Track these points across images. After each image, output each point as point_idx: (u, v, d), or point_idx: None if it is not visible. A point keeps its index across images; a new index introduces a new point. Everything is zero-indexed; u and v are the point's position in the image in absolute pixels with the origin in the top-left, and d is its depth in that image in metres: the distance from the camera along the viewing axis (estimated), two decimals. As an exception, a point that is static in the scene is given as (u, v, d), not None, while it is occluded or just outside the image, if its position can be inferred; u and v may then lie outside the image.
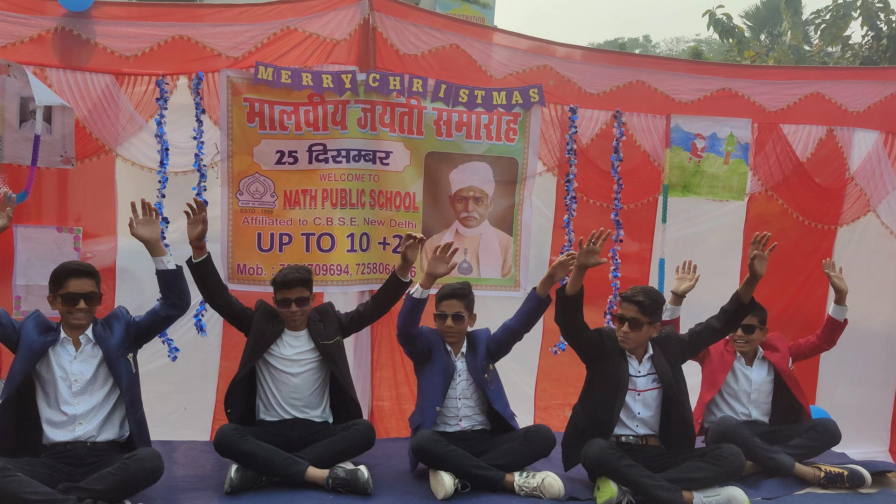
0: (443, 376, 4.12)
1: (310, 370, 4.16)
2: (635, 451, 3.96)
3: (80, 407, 3.55)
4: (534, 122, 5.01)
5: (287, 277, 4.09)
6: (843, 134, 5.43)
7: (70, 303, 3.57)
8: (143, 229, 3.76)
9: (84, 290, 3.59)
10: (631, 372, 4.05)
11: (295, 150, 4.69)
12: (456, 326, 4.18)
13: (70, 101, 4.37)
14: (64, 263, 3.66)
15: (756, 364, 4.62)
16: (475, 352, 4.25)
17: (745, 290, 4.07)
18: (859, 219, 5.51)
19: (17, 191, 4.27)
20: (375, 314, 4.38)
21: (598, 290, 5.19)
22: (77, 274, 3.59)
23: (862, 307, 5.67)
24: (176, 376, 4.80)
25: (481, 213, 5.03)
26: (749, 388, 4.57)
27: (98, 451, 3.52)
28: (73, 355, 3.60)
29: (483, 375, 4.19)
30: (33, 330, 3.59)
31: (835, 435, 4.42)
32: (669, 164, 5.18)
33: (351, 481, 3.65)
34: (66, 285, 3.57)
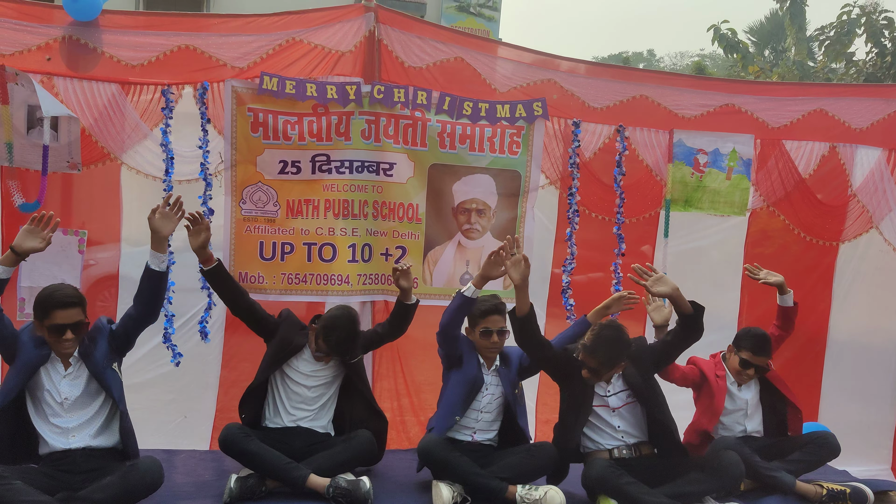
0: (469, 387, 4.13)
1: (323, 384, 4.21)
2: (631, 464, 3.95)
3: (72, 421, 3.56)
4: (537, 135, 5.02)
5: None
6: (845, 151, 5.43)
7: (57, 334, 3.49)
8: (160, 221, 3.71)
9: (71, 320, 3.50)
10: (600, 392, 4.09)
11: (298, 161, 4.71)
12: (500, 342, 4.21)
13: (76, 108, 4.40)
14: (49, 292, 3.53)
15: (747, 385, 4.60)
16: (508, 366, 4.27)
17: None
18: (861, 235, 5.50)
19: (29, 199, 4.31)
20: (393, 335, 4.46)
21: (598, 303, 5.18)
22: (63, 305, 3.49)
23: (865, 323, 5.68)
24: (176, 385, 4.80)
25: (484, 225, 5.04)
26: (745, 407, 4.55)
27: (95, 456, 3.52)
28: (62, 374, 3.59)
29: (514, 391, 4.22)
30: (30, 342, 3.58)
31: (834, 448, 4.40)
32: (672, 178, 5.19)
33: (352, 492, 3.65)
34: (53, 316, 3.47)
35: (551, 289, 5.32)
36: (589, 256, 5.17)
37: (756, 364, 4.46)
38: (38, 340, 3.59)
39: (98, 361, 3.61)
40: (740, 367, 4.50)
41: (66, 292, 3.55)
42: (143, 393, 4.78)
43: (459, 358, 4.20)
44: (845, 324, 5.63)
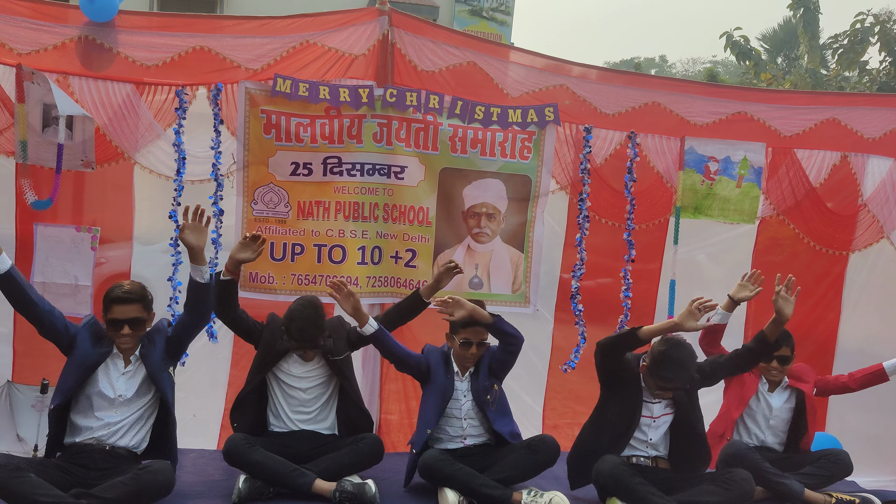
0: (439, 398, 4.12)
1: (318, 385, 4.19)
2: (645, 472, 3.95)
3: (117, 416, 3.62)
4: (548, 140, 5.03)
5: (304, 335, 4.01)
6: (857, 160, 5.41)
7: (115, 328, 3.59)
8: (192, 235, 3.71)
9: (128, 315, 3.60)
10: (646, 398, 4.05)
11: (310, 162, 4.73)
12: (479, 352, 4.18)
13: (91, 108, 4.44)
14: (113, 287, 3.65)
15: (777, 391, 4.59)
16: (478, 372, 4.25)
17: (770, 330, 4.07)
18: (872, 245, 5.48)
19: (42, 197, 4.35)
20: (391, 327, 4.40)
21: (609, 310, 5.20)
22: (121, 301, 3.59)
23: (875, 333, 5.65)
24: (185, 384, 4.81)
25: (493, 229, 5.04)
26: (769, 414, 4.54)
27: (113, 456, 3.56)
28: (121, 371, 3.66)
29: (485, 397, 4.17)
30: (88, 339, 3.64)
31: (846, 466, 4.38)
32: (682, 186, 5.19)
33: (358, 495, 3.65)
34: (112, 311, 3.58)
35: (559, 294, 5.33)
36: (598, 262, 5.17)
37: (777, 355, 4.44)
38: (97, 336, 3.66)
39: (156, 362, 3.68)
40: (765, 364, 4.48)
41: (126, 287, 3.66)
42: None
43: (427, 373, 4.20)
44: (855, 334, 5.61)
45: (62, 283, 4.62)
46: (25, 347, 4.69)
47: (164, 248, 4.81)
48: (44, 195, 4.37)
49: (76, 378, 3.56)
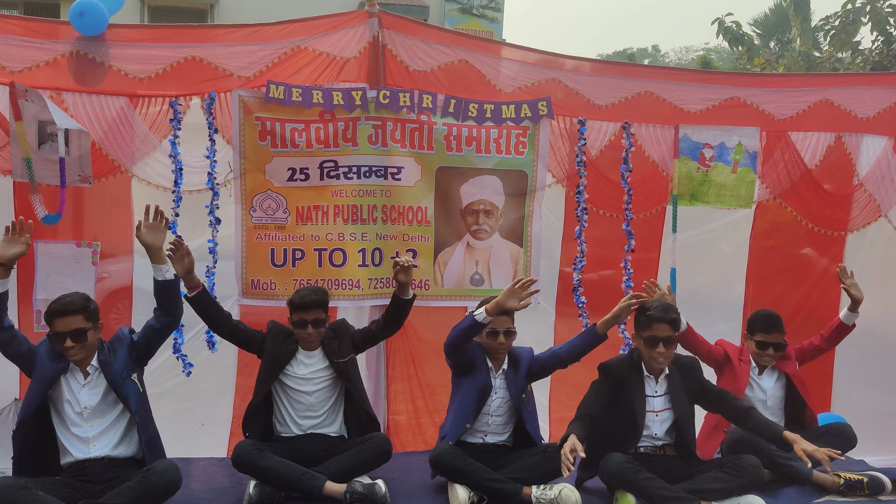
0: (478, 395, 4.11)
1: (324, 388, 4.20)
2: (653, 460, 3.96)
3: (92, 430, 3.61)
4: (543, 134, 5.04)
5: (305, 300, 4.10)
6: (851, 140, 5.42)
7: (58, 342, 3.55)
8: (149, 235, 3.76)
9: (69, 328, 3.54)
10: (648, 392, 4.06)
11: (306, 167, 4.75)
12: (507, 342, 4.14)
13: (86, 122, 4.46)
14: (52, 302, 3.61)
15: (766, 373, 4.61)
16: (516, 370, 4.21)
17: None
18: (869, 224, 5.50)
19: (51, 211, 4.37)
20: (387, 332, 4.40)
21: (612, 300, 5.19)
22: (59, 314, 3.55)
23: (877, 312, 5.65)
24: (192, 393, 4.84)
25: (492, 225, 5.06)
26: (764, 397, 4.56)
27: (115, 466, 3.57)
28: (81, 383, 3.64)
29: (521, 396, 4.17)
30: (46, 357, 3.63)
31: (850, 438, 4.38)
32: (678, 174, 5.20)
33: (369, 496, 3.66)
34: (53, 325, 3.55)
35: (560, 287, 5.34)
36: (598, 253, 5.18)
37: (772, 342, 4.49)
38: (55, 353, 3.63)
39: (117, 371, 3.65)
40: (758, 350, 4.53)
41: (65, 300, 3.61)
42: (159, 403, 4.78)
43: (471, 365, 4.16)
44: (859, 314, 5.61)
45: (65, 300, 4.63)
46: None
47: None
48: (52, 210, 4.38)
49: (35, 391, 3.56)
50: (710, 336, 4.88)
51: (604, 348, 4.92)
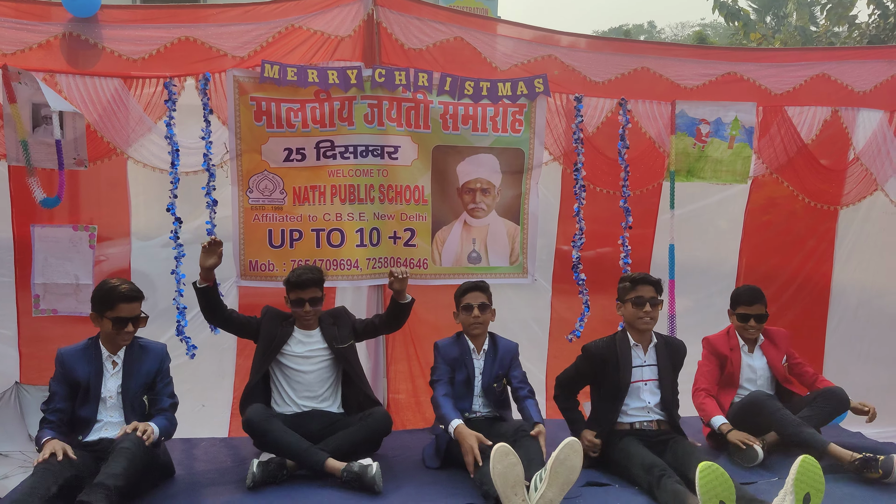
0: (465, 388, 4.15)
1: (323, 367, 4.23)
2: (649, 435, 3.97)
3: (110, 417, 3.64)
4: (539, 112, 5.02)
5: (301, 278, 4.16)
6: (847, 114, 5.41)
7: (120, 326, 3.61)
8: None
9: (134, 313, 3.64)
10: (636, 362, 4.09)
11: (303, 147, 4.73)
12: (482, 316, 4.18)
13: (80, 105, 4.43)
14: (115, 286, 3.64)
15: (756, 351, 4.61)
16: (495, 356, 4.22)
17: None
18: (865, 198, 5.51)
19: (50, 194, 4.36)
20: (388, 329, 4.49)
21: (609, 276, 5.21)
22: (128, 299, 3.61)
23: (874, 286, 5.70)
24: (192, 375, 4.85)
25: (489, 203, 5.05)
26: (754, 376, 4.56)
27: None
28: (110, 373, 3.67)
29: (492, 384, 4.18)
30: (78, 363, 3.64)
31: (843, 399, 4.34)
32: (675, 150, 5.19)
33: (361, 476, 3.68)
34: (118, 309, 3.59)
35: (556, 264, 5.35)
36: (595, 230, 5.18)
37: (753, 314, 4.49)
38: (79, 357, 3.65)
39: (132, 386, 3.67)
40: (741, 323, 4.54)
41: (129, 286, 3.68)
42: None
43: (453, 363, 4.19)
44: (851, 287, 5.67)
45: (63, 283, 4.65)
46: (30, 349, 4.73)
47: (163, 242, 4.83)
48: (51, 193, 4.37)
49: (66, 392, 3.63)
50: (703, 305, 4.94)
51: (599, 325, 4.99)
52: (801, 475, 3.07)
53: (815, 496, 3.05)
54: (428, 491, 3.66)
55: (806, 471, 3.08)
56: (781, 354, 4.64)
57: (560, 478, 3.21)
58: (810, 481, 3.06)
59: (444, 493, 3.61)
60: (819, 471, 3.08)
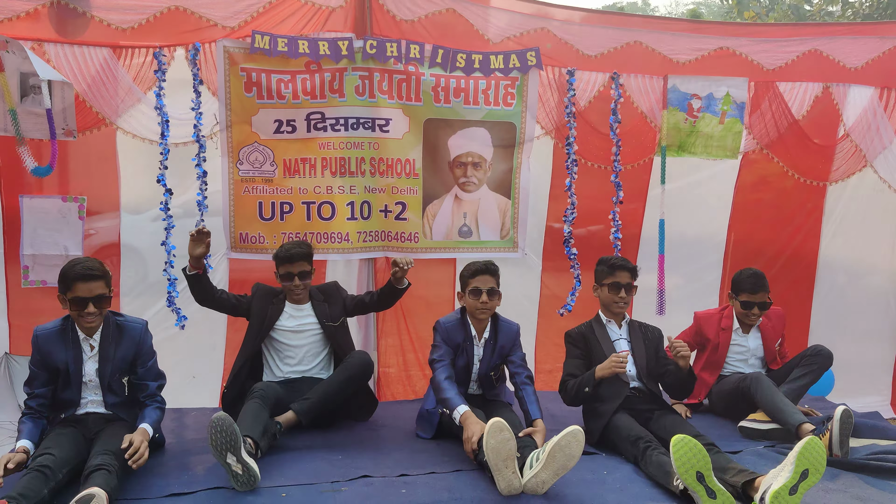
0: (464, 373, 4.13)
1: (314, 342, 4.26)
2: (632, 401, 4.02)
3: (94, 396, 3.56)
4: (531, 85, 5.01)
5: (290, 252, 4.18)
6: (838, 91, 5.42)
7: (79, 306, 3.43)
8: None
9: (93, 293, 3.42)
10: (612, 336, 4.17)
11: (293, 119, 4.71)
12: (491, 302, 4.04)
13: (69, 74, 4.39)
14: (72, 264, 3.45)
15: (753, 332, 4.66)
16: (495, 345, 4.13)
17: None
18: (854, 174, 5.55)
19: (41, 164, 4.33)
20: (378, 309, 4.53)
21: (599, 251, 5.23)
22: (85, 278, 3.40)
23: (861, 262, 5.74)
24: (182, 347, 4.87)
25: (480, 177, 5.05)
26: (745, 356, 4.62)
27: (106, 418, 3.55)
28: (88, 355, 3.54)
29: (489, 374, 4.15)
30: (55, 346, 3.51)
31: (827, 355, 4.44)
32: (666, 125, 5.18)
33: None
34: (74, 289, 3.41)
35: (547, 241, 5.37)
36: (586, 206, 5.18)
37: (757, 302, 4.54)
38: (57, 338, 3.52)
39: (108, 371, 3.54)
40: (744, 310, 4.58)
41: (89, 265, 3.48)
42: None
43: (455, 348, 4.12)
44: (838, 263, 5.72)
45: (52, 255, 4.62)
46: (20, 321, 4.72)
47: (153, 216, 4.82)
48: (42, 162, 4.34)
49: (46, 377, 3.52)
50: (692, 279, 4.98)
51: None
52: (806, 451, 3.09)
53: (813, 474, 3.08)
54: (419, 458, 3.69)
55: (811, 449, 3.10)
56: (777, 336, 4.68)
57: (557, 462, 3.21)
58: (813, 460, 3.08)
59: (435, 461, 3.64)
60: (823, 454, 3.11)
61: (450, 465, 3.57)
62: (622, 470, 3.56)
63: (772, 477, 3.15)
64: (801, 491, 3.06)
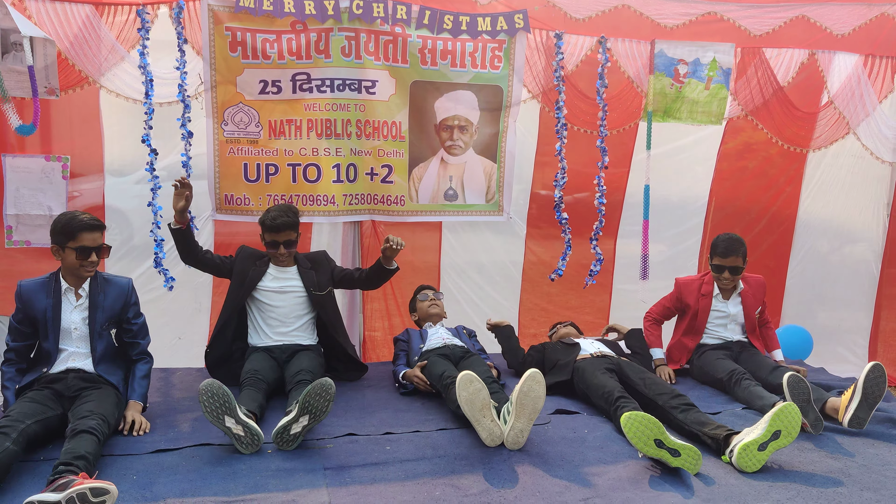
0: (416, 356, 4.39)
1: (296, 303, 4.28)
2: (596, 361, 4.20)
3: (76, 348, 3.57)
4: (518, 48, 4.98)
5: (276, 221, 4.16)
6: (824, 57, 5.43)
7: (83, 256, 3.49)
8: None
9: (97, 243, 3.52)
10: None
11: (278, 80, 4.67)
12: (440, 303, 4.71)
13: (51, 32, 4.34)
14: (74, 215, 3.52)
15: (733, 298, 4.67)
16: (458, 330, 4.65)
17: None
18: (835, 142, 5.59)
19: (25, 122, 4.28)
20: (365, 287, 4.60)
21: (585, 218, 5.28)
22: (90, 228, 3.50)
23: (841, 229, 5.82)
24: (168, 309, 4.88)
25: (466, 141, 5.04)
26: (725, 321, 4.64)
27: (89, 380, 3.53)
28: (73, 305, 3.57)
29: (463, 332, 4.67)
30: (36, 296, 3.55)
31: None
32: (652, 90, 5.18)
33: None
34: (80, 238, 3.47)
35: (532, 208, 5.39)
36: (571, 170, 5.18)
37: (727, 266, 4.52)
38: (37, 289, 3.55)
39: (98, 320, 3.58)
40: (717, 274, 4.59)
41: (91, 216, 3.55)
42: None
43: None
44: (817, 229, 5.81)
45: (36, 215, 4.61)
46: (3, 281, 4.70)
47: (137, 178, 4.80)
48: (27, 120, 4.29)
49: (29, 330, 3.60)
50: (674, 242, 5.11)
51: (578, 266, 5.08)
52: (780, 414, 3.17)
53: (784, 437, 3.16)
54: (403, 417, 3.74)
55: (786, 414, 3.18)
56: (757, 303, 4.70)
57: (526, 409, 3.30)
58: (786, 424, 3.17)
59: (419, 420, 3.70)
60: (798, 420, 3.19)
61: (434, 424, 3.62)
62: (602, 429, 3.63)
63: (745, 433, 3.23)
64: (770, 449, 3.15)
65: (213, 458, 3.15)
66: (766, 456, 3.14)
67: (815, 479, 3.11)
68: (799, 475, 3.14)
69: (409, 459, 3.20)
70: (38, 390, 3.42)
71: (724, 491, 2.96)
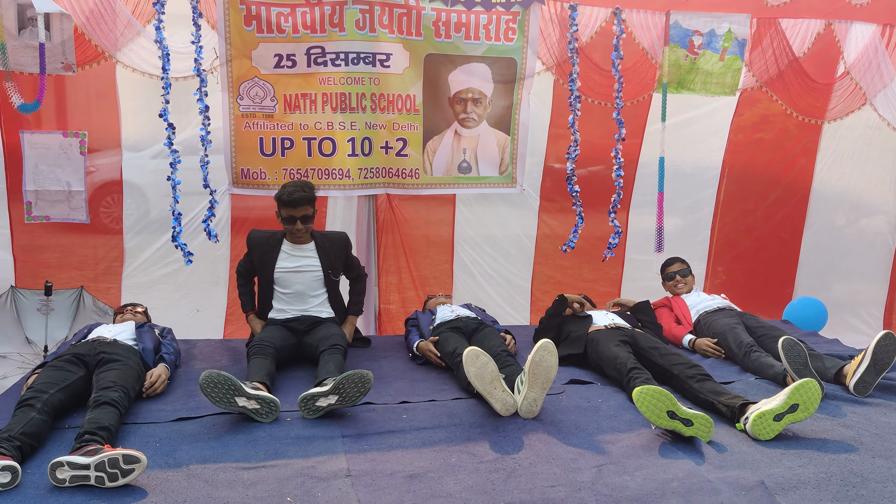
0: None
1: (314, 279, 4.34)
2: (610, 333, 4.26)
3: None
4: (533, 20, 4.96)
5: (293, 196, 4.19)
6: (840, 28, 5.36)
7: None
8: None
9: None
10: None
11: (293, 54, 4.68)
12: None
13: (66, 6, 4.35)
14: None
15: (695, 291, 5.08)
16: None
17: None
18: (852, 113, 5.55)
19: (28, 100, 4.32)
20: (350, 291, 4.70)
21: (598, 191, 5.28)
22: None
23: (857, 201, 5.79)
24: (185, 283, 4.97)
25: (480, 113, 5.04)
26: (700, 307, 4.84)
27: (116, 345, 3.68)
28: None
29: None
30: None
31: None
32: (667, 61, 5.15)
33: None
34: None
35: (546, 181, 5.40)
36: (585, 143, 5.17)
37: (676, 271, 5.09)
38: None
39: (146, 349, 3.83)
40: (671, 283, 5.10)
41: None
42: (154, 290, 4.94)
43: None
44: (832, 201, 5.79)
45: (55, 190, 4.67)
46: (24, 256, 4.79)
47: (154, 153, 4.85)
48: (30, 98, 4.34)
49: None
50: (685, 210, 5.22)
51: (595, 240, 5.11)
52: (800, 389, 3.19)
53: (801, 411, 3.19)
54: (419, 387, 3.80)
55: (807, 389, 3.20)
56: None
57: (539, 378, 3.33)
58: (805, 398, 3.18)
59: (435, 389, 3.75)
60: (818, 397, 3.21)
61: (449, 394, 3.68)
62: (616, 398, 3.68)
63: (763, 403, 3.26)
64: (785, 421, 3.18)
65: (233, 427, 3.22)
66: (780, 426, 3.17)
67: (827, 445, 3.14)
68: (811, 443, 3.16)
69: (426, 427, 3.26)
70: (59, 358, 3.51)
71: (736, 458, 3.00)
